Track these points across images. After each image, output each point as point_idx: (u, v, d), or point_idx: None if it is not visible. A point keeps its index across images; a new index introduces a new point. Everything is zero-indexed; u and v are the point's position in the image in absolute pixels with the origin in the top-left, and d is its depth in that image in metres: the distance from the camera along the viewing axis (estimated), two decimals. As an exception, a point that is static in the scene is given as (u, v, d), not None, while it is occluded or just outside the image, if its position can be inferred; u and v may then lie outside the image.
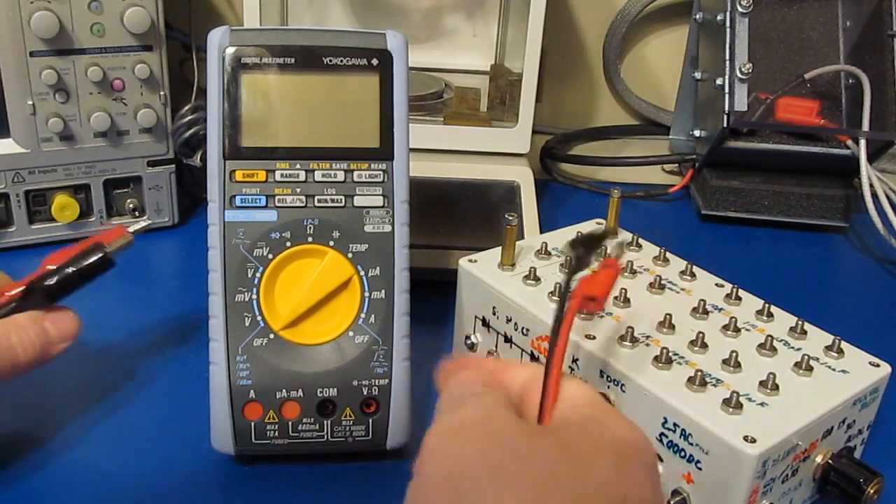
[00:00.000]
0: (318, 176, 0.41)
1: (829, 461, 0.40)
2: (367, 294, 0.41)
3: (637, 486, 0.27)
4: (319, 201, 0.41)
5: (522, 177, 0.67)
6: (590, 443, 0.28)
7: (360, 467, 0.43)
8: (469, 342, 0.50)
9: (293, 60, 0.41)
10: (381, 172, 0.42)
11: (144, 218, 0.66)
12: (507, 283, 0.48)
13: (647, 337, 0.43)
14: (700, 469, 0.38)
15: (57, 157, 0.61)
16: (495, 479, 0.26)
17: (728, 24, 0.72)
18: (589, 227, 0.55)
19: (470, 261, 0.50)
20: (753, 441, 0.36)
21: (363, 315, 0.41)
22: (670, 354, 0.41)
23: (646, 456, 0.29)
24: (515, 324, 0.46)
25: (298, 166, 0.41)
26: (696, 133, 0.79)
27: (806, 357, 0.41)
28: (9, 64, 0.58)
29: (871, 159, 0.70)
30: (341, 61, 0.41)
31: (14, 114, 0.59)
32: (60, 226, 0.64)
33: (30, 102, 0.59)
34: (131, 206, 0.65)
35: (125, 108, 0.62)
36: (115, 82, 0.61)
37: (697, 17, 0.80)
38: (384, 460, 0.43)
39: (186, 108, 0.67)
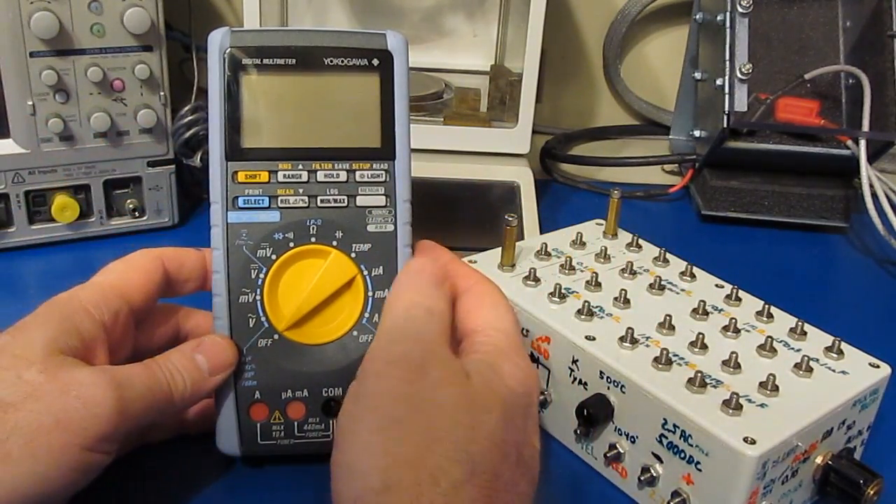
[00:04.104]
0: (320, 176, 0.41)
1: (829, 462, 0.40)
2: (370, 293, 0.41)
3: (518, 432, 0.34)
4: (322, 202, 0.41)
5: (522, 177, 0.67)
6: (488, 395, 0.34)
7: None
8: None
9: (294, 61, 0.41)
10: (382, 172, 0.42)
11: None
12: (507, 284, 0.48)
13: (647, 338, 0.43)
14: (700, 470, 0.38)
15: (57, 157, 0.61)
16: (410, 421, 0.32)
17: (728, 24, 0.72)
18: (589, 227, 0.55)
19: (470, 261, 0.50)
20: (753, 442, 0.36)
21: (367, 314, 0.41)
22: (670, 355, 0.41)
23: (529, 402, 0.35)
24: (516, 324, 0.46)
25: (301, 167, 0.41)
26: (696, 133, 0.79)
27: (806, 358, 0.41)
28: (9, 64, 0.58)
29: (871, 159, 0.70)
30: (342, 62, 0.41)
31: (14, 114, 0.59)
32: (60, 226, 0.64)
33: (30, 103, 0.59)
34: (131, 206, 0.65)
35: (125, 109, 0.62)
36: (115, 82, 0.61)
37: (697, 17, 0.80)
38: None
39: (186, 108, 0.67)
